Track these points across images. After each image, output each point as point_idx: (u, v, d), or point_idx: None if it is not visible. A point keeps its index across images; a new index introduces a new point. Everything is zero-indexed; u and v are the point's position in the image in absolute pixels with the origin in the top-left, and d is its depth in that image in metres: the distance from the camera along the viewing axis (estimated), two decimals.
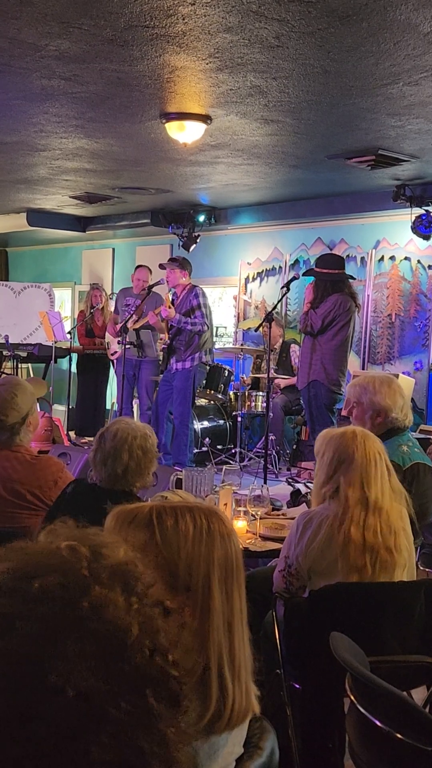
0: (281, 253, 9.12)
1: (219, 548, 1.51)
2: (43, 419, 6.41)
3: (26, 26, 3.83)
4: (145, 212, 9.48)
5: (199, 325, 7.30)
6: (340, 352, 6.51)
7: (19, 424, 3.24)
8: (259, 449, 7.88)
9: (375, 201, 7.79)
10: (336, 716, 2.56)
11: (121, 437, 2.83)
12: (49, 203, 9.21)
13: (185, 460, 7.14)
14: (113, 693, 0.74)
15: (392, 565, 2.67)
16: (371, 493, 2.68)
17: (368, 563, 2.63)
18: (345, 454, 2.73)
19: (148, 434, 2.94)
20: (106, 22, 3.75)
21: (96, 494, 2.80)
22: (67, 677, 0.72)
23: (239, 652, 1.48)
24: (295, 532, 2.78)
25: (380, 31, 3.76)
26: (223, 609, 1.47)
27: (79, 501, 2.90)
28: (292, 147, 6.09)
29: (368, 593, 2.62)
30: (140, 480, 2.91)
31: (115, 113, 5.32)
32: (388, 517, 2.68)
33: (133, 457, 2.81)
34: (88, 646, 0.74)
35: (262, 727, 1.60)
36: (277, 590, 2.83)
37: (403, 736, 1.87)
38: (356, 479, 2.69)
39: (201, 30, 3.81)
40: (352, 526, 2.64)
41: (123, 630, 0.77)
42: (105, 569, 0.81)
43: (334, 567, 2.66)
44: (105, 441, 2.84)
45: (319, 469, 2.82)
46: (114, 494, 2.74)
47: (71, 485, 3.05)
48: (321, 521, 2.71)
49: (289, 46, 3.97)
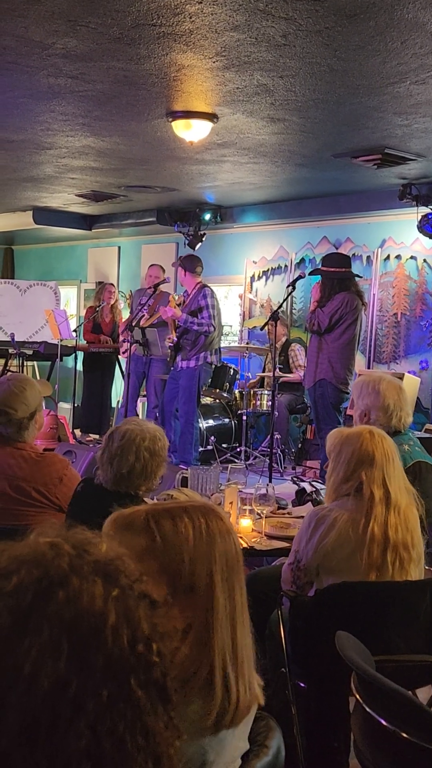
0: (287, 252, 9.12)
1: (219, 546, 1.52)
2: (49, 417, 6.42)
3: (33, 24, 3.84)
4: (151, 210, 9.48)
5: (206, 326, 7.31)
6: (348, 351, 6.50)
7: (27, 419, 3.24)
8: (264, 448, 7.88)
9: (381, 200, 7.78)
10: (341, 715, 2.56)
11: (129, 438, 2.80)
12: (55, 201, 9.22)
13: (191, 459, 7.14)
14: (90, 682, 0.74)
15: (408, 562, 2.70)
16: (392, 491, 2.71)
17: (389, 561, 2.64)
18: (366, 453, 2.74)
19: (158, 437, 2.89)
20: (113, 20, 3.75)
21: (101, 495, 2.80)
22: (40, 667, 0.72)
23: (242, 647, 1.48)
24: (306, 527, 2.78)
25: (387, 30, 3.76)
26: (226, 606, 1.48)
27: (87, 501, 2.90)
28: (298, 146, 6.08)
29: (373, 592, 2.62)
30: (146, 483, 2.87)
31: (122, 111, 5.32)
32: (405, 516, 2.71)
33: (139, 459, 2.78)
34: (61, 635, 0.75)
35: (268, 726, 1.60)
36: (285, 583, 2.84)
37: (409, 735, 1.87)
38: (379, 478, 2.71)
39: (208, 28, 3.81)
40: (375, 524, 2.65)
41: (98, 616, 0.77)
42: (87, 564, 0.82)
43: (344, 565, 2.67)
44: (113, 441, 2.82)
45: (335, 468, 2.82)
46: (119, 496, 2.73)
47: (81, 484, 3.04)
48: (335, 519, 2.71)
49: (296, 45, 3.97)
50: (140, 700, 0.77)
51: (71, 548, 0.83)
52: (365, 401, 3.69)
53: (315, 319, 6.52)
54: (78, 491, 3.01)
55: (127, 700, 0.76)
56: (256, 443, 8.32)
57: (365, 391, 3.70)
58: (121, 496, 2.74)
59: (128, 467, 2.77)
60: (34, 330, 10.31)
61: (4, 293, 10.56)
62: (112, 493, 2.77)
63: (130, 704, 0.76)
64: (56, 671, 0.73)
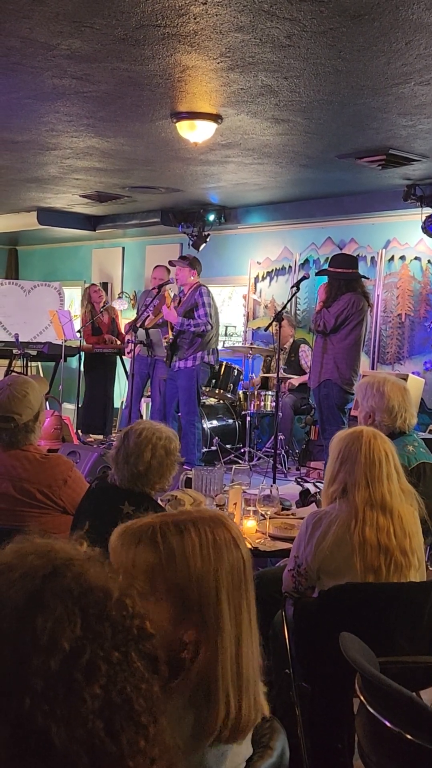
0: (291, 253, 9.11)
1: (226, 561, 1.49)
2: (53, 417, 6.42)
3: (38, 25, 3.84)
4: (155, 211, 9.49)
5: (202, 325, 7.31)
6: (354, 352, 6.50)
7: (32, 422, 3.24)
8: (268, 449, 7.88)
9: (385, 201, 7.78)
10: (345, 716, 2.56)
11: (146, 436, 2.82)
12: (59, 202, 9.23)
13: (194, 459, 7.14)
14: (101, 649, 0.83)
15: (406, 567, 2.67)
16: (377, 493, 2.67)
17: (383, 565, 2.63)
18: (348, 453, 2.74)
19: (173, 438, 2.92)
20: (118, 21, 3.76)
21: (114, 493, 2.80)
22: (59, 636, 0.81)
23: (247, 665, 1.45)
24: (304, 531, 2.78)
25: (392, 31, 3.76)
26: (232, 625, 1.45)
27: (99, 499, 2.91)
28: (302, 146, 6.08)
29: (378, 593, 2.62)
30: (160, 482, 2.89)
31: (126, 112, 5.32)
32: (401, 519, 2.68)
33: (155, 457, 2.80)
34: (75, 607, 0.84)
35: (272, 728, 1.59)
36: (287, 590, 2.83)
37: (413, 737, 1.86)
38: (360, 479, 2.69)
39: (212, 29, 3.81)
40: (366, 527, 2.64)
41: (104, 591, 0.87)
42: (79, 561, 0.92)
43: (344, 567, 2.66)
44: (129, 439, 2.84)
45: (328, 469, 2.83)
46: (132, 495, 2.74)
47: (94, 482, 3.05)
48: (331, 521, 2.70)
49: (300, 46, 3.97)
50: (139, 668, 0.85)
51: (60, 548, 0.93)
52: (369, 402, 3.69)
53: (321, 319, 6.52)
54: (91, 489, 3.02)
55: (130, 667, 0.85)
56: (260, 444, 8.32)
57: (369, 392, 3.70)
58: (134, 494, 2.75)
59: (145, 465, 2.78)
60: (38, 330, 10.32)
61: (8, 294, 10.57)
62: (125, 492, 2.78)
63: (132, 671, 0.85)
64: (73, 637, 0.81)
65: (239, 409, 8.35)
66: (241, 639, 1.46)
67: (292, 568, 2.81)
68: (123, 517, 2.73)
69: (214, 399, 8.46)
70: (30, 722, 0.77)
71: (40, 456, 3.26)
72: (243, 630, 1.47)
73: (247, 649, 1.47)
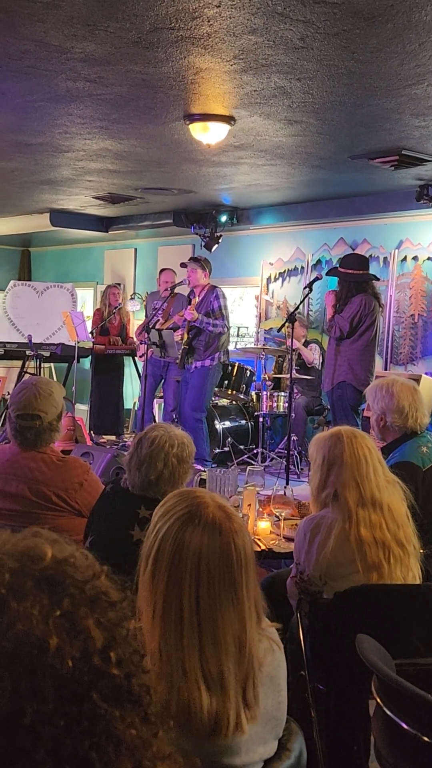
0: (303, 254, 9.11)
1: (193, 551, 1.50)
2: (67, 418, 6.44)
3: (52, 29, 3.86)
4: (167, 212, 9.50)
5: (221, 327, 7.35)
6: (368, 353, 6.49)
7: (56, 421, 3.26)
8: (281, 449, 7.88)
9: (398, 201, 7.76)
10: (361, 718, 2.56)
11: (158, 444, 2.80)
12: (72, 204, 9.26)
13: (204, 454, 7.13)
14: (45, 708, 0.70)
15: (406, 557, 2.70)
16: (366, 491, 2.70)
17: (383, 560, 2.65)
18: (334, 456, 2.76)
19: (186, 443, 2.88)
20: (132, 24, 3.77)
21: (128, 499, 2.80)
22: None
23: (221, 663, 1.45)
24: (303, 538, 2.78)
25: (405, 32, 3.75)
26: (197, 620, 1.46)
27: (114, 503, 2.91)
28: (315, 147, 6.08)
29: (393, 595, 2.62)
30: (172, 489, 2.87)
31: (140, 115, 5.33)
32: (391, 510, 2.70)
33: (167, 466, 2.77)
34: (1, 670, 0.71)
35: (290, 729, 1.60)
36: (291, 597, 2.84)
37: (430, 739, 1.86)
38: (350, 480, 2.71)
39: (226, 32, 3.82)
40: (361, 527, 2.66)
41: (39, 642, 0.73)
42: (31, 577, 0.78)
43: (349, 571, 2.67)
44: (142, 447, 2.82)
45: (313, 474, 2.84)
46: (146, 500, 2.74)
47: (109, 485, 3.05)
48: (329, 527, 2.71)
49: (313, 48, 3.97)
50: (106, 712, 0.73)
51: (14, 561, 0.79)
52: (380, 404, 3.69)
53: (335, 325, 6.50)
54: (105, 492, 3.02)
55: (92, 716, 0.73)
56: (273, 445, 8.32)
57: (379, 394, 3.70)
58: (148, 500, 2.75)
59: (156, 474, 2.76)
60: (51, 332, 10.36)
61: (21, 295, 10.61)
62: (139, 498, 2.78)
63: (96, 719, 0.73)
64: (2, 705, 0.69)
65: (252, 410, 8.36)
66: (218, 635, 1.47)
67: (295, 575, 2.81)
68: (140, 521, 2.74)
69: (226, 400, 8.47)
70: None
71: (56, 459, 3.26)
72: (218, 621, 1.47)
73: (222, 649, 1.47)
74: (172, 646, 1.44)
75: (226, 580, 1.48)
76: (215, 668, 1.44)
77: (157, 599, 1.47)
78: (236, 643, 1.47)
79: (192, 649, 1.43)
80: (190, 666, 1.43)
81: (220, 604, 1.46)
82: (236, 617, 1.47)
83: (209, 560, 1.48)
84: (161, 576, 1.48)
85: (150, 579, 1.49)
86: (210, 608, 1.45)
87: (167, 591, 1.46)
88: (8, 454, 3.27)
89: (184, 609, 1.45)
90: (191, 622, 1.44)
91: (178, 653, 1.43)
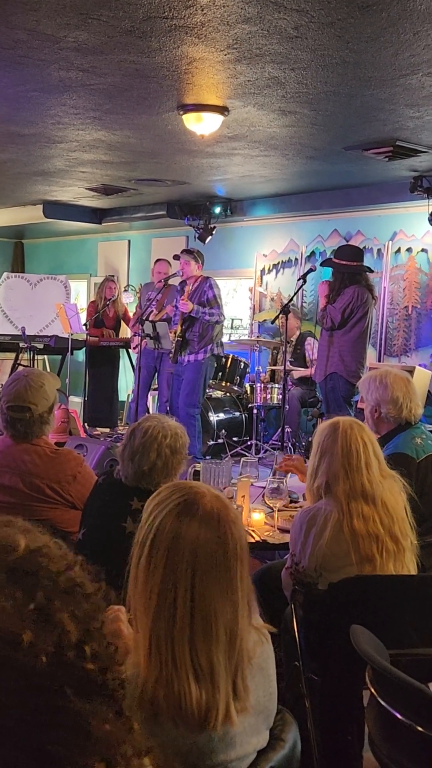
0: (297, 245, 9.10)
1: (188, 543, 1.50)
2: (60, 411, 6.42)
3: (45, 18, 3.83)
4: (161, 204, 9.47)
5: (217, 316, 7.35)
6: (359, 345, 6.49)
7: (47, 414, 3.24)
8: (274, 441, 7.88)
9: (392, 192, 7.75)
10: (355, 708, 2.56)
11: (152, 435, 2.78)
12: (65, 195, 9.22)
13: (195, 451, 7.12)
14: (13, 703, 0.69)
15: (400, 552, 2.69)
16: (356, 483, 2.69)
17: (376, 553, 2.65)
18: (326, 446, 2.76)
19: (180, 434, 2.87)
20: (125, 13, 3.74)
21: (121, 490, 2.79)
22: None
23: (212, 654, 1.46)
24: (299, 530, 2.78)
25: (400, 21, 3.74)
26: (190, 613, 1.46)
27: (107, 495, 2.90)
28: (309, 138, 6.06)
29: (388, 585, 2.62)
30: (165, 480, 2.85)
31: (133, 105, 5.31)
32: (385, 506, 2.69)
33: (160, 456, 2.76)
34: None
35: (284, 720, 1.60)
36: (286, 588, 2.84)
37: (424, 729, 1.87)
38: (339, 471, 2.70)
39: (219, 21, 3.80)
40: (354, 519, 2.66)
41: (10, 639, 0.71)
42: (3, 569, 0.76)
43: (344, 563, 2.67)
44: (135, 437, 2.81)
45: (309, 465, 2.84)
46: (139, 491, 2.73)
47: (102, 477, 3.04)
48: (325, 518, 2.71)
49: (307, 37, 3.95)
50: (79, 707, 0.72)
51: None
52: (374, 396, 3.69)
53: (327, 316, 6.50)
54: (98, 484, 3.01)
55: (64, 711, 0.71)
56: (267, 437, 8.32)
57: (373, 385, 3.69)
58: (142, 491, 2.74)
59: (149, 465, 2.75)
60: (45, 324, 10.34)
61: (14, 287, 10.58)
62: (133, 489, 2.77)
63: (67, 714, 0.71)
64: None
65: (246, 401, 8.35)
66: (210, 626, 1.47)
67: (290, 566, 2.81)
68: (132, 513, 2.73)
69: (220, 392, 8.46)
70: None
71: (50, 451, 3.25)
72: (208, 615, 1.48)
73: (212, 640, 1.47)
74: (163, 638, 1.44)
75: (222, 569, 1.47)
76: (205, 660, 1.44)
77: (153, 588, 1.46)
78: (228, 633, 1.46)
79: (183, 640, 1.43)
80: (180, 657, 1.42)
81: (215, 593, 1.46)
82: (229, 607, 1.47)
83: (206, 549, 1.48)
84: (157, 565, 1.47)
85: (145, 568, 1.49)
86: (204, 598, 1.45)
87: (163, 580, 1.46)
88: (1, 446, 3.26)
89: (178, 598, 1.44)
90: (184, 611, 1.44)
91: (169, 644, 1.43)
